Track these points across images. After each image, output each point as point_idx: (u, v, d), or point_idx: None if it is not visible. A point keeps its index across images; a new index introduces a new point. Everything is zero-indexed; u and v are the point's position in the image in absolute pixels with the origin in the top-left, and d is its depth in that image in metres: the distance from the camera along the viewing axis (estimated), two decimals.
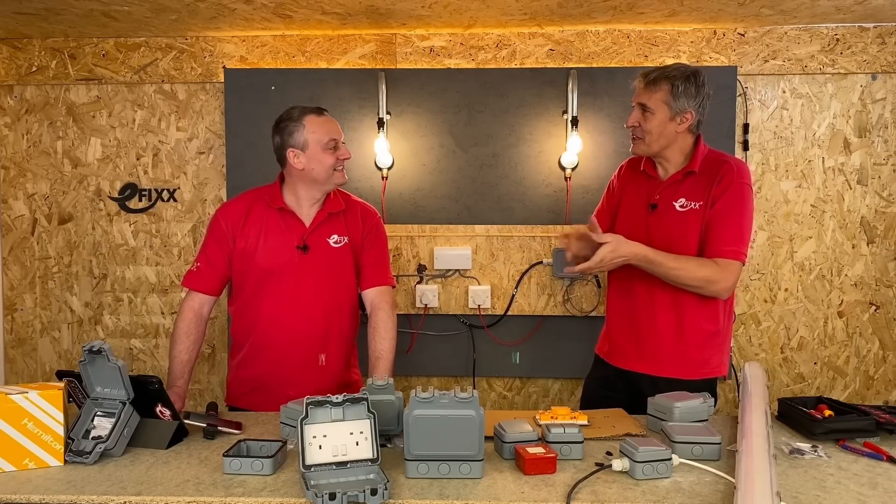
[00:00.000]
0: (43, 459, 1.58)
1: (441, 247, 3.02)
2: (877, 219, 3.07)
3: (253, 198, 2.21)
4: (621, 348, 2.21)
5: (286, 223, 2.16)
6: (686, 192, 2.10)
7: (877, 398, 3.11)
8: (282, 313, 2.14)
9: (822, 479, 1.50)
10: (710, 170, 2.09)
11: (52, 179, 3.21)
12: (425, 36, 3.07)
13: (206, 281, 2.18)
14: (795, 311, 3.11)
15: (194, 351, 2.15)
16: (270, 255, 2.14)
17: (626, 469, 1.50)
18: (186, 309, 2.17)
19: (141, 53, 3.14)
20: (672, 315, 2.10)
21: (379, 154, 2.99)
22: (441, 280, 3.03)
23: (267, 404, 2.11)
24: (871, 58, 3.00)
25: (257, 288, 2.16)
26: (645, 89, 2.08)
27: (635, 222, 2.17)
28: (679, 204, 2.10)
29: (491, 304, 3.02)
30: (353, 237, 2.21)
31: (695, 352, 2.11)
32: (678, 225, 2.09)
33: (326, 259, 2.16)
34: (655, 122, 2.07)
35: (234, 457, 1.52)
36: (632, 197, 2.22)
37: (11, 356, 3.27)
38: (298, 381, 2.12)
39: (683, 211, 2.09)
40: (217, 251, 2.18)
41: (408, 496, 1.41)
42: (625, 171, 2.31)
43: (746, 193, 2.08)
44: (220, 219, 2.19)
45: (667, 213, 2.11)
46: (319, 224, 2.17)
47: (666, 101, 2.04)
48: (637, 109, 2.10)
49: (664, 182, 2.14)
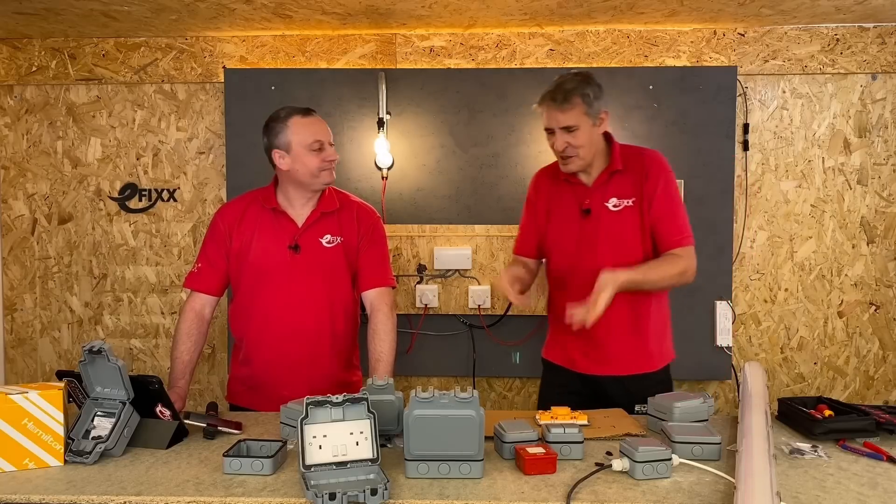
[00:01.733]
0: (43, 459, 1.58)
1: (441, 247, 3.02)
2: (877, 219, 3.07)
3: (250, 199, 2.23)
4: (579, 354, 2.19)
5: (279, 223, 2.17)
6: (615, 191, 2.13)
7: (877, 398, 3.11)
8: (275, 313, 2.15)
9: (822, 479, 1.49)
10: (633, 165, 2.13)
11: (52, 179, 3.21)
12: (425, 36, 3.07)
13: (206, 281, 2.20)
14: (795, 311, 3.11)
15: (195, 352, 2.16)
16: (263, 255, 2.15)
17: (626, 469, 1.50)
18: (188, 310, 2.18)
19: (141, 53, 3.14)
20: (625, 313, 2.11)
21: (379, 154, 2.99)
22: (441, 280, 3.03)
23: (263, 403, 2.13)
24: (871, 58, 3.00)
25: (251, 287, 2.17)
26: (561, 111, 2.05)
27: (569, 230, 2.18)
28: (612, 204, 2.13)
29: (491, 304, 3.02)
30: (348, 237, 2.20)
31: (653, 344, 2.17)
32: (616, 225, 2.12)
33: (318, 259, 2.16)
34: (583, 136, 2.06)
35: (234, 457, 1.52)
36: (559, 206, 2.21)
37: (11, 356, 3.28)
38: (293, 380, 2.12)
39: (618, 210, 2.12)
40: (216, 251, 2.19)
41: (408, 496, 1.41)
42: (542, 181, 2.29)
43: (673, 180, 2.15)
44: (218, 219, 2.22)
45: (602, 216, 2.13)
46: (312, 224, 2.17)
47: (586, 113, 2.05)
48: (559, 133, 2.07)
49: (591, 186, 2.15)
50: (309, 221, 2.17)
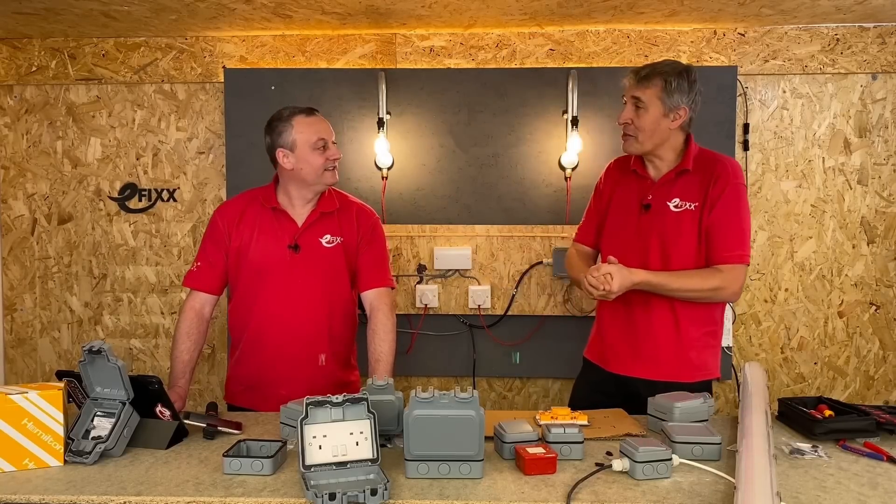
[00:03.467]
0: (43, 459, 1.58)
1: (441, 247, 3.01)
2: (877, 219, 3.07)
3: (249, 198, 2.23)
4: (617, 353, 2.15)
5: (279, 222, 2.17)
6: (680, 192, 2.06)
7: (877, 398, 3.11)
8: (273, 312, 2.15)
9: (823, 480, 1.49)
10: (704, 169, 2.06)
11: (52, 179, 3.21)
12: (425, 36, 3.06)
13: (206, 280, 2.20)
14: (796, 311, 3.11)
15: (195, 351, 2.16)
16: (262, 254, 2.15)
17: (627, 469, 1.50)
18: (188, 309, 2.18)
19: (141, 53, 3.14)
20: (669, 317, 2.06)
21: (379, 154, 2.99)
22: (441, 280, 3.03)
23: (261, 403, 2.13)
24: (871, 58, 3.00)
25: (250, 286, 2.18)
26: (637, 84, 2.03)
27: (626, 223, 2.12)
28: (673, 204, 2.06)
29: (491, 304, 3.02)
30: (348, 238, 2.20)
31: (692, 353, 2.08)
32: (673, 225, 2.05)
33: (318, 259, 2.16)
34: (649, 118, 2.02)
35: (234, 457, 1.52)
36: (622, 197, 2.17)
37: (11, 356, 3.27)
38: (291, 379, 2.13)
39: (678, 211, 2.05)
40: (215, 250, 2.20)
41: (408, 496, 1.41)
42: (612, 171, 2.26)
43: (743, 193, 2.06)
44: (217, 218, 2.22)
45: (661, 214, 2.07)
46: (312, 224, 2.17)
47: (659, 97, 2.01)
48: (629, 105, 2.05)
49: (657, 182, 2.10)
50: (309, 221, 2.17)
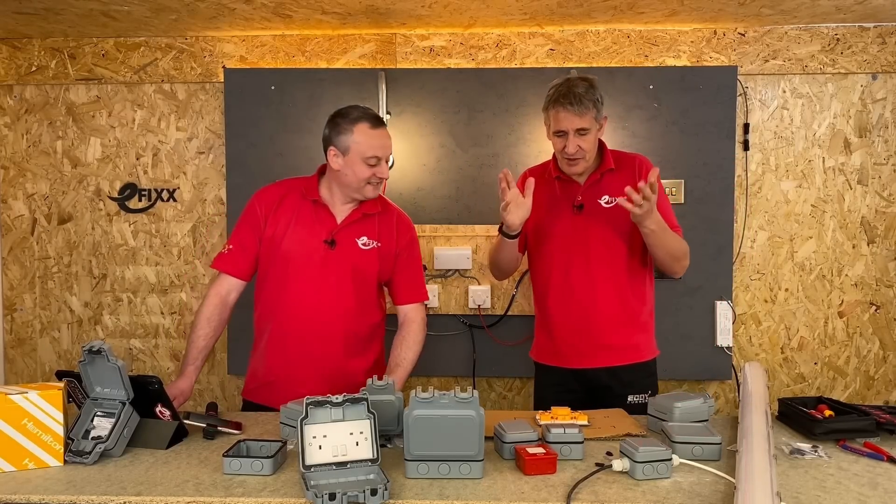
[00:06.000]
0: (43, 459, 1.58)
1: (441, 247, 3.01)
2: (877, 219, 3.07)
3: (290, 186, 2.18)
4: (573, 347, 2.25)
5: (317, 215, 2.12)
6: (607, 189, 2.22)
7: (877, 398, 3.11)
8: (302, 306, 2.10)
9: (823, 480, 1.49)
10: (624, 165, 2.24)
11: (52, 179, 3.21)
12: (425, 36, 3.06)
13: (236, 263, 2.14)
14: (796, 311, 3.11)
15: (213, 338, 2.11)
16: (297, 245, 2.10)
17: (627, 469, 1.50)
18: (212, 294, 2.13)
19: (141, 53, 3.13)
20: (615, 303, 2.21)
21: None
22: (441, 280, 3.03)
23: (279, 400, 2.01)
24: (871, 58, 3.00)
25: (280, 277, 2.12)
26: (575, 114, 2.12)
27: (560, 224, 2.25)
28: (604, 201, 2.22)
29: (491, 304, 3.02)
30: (385, 244, 2.16)
31: (640, 335, 2.25)
32: (609, 221, 2.21)
33: (352, 258, 2.12)
34: (591, 139, 2.16)
35: (234, 457, 1.52)
36: (549, 203, 2.28)
37: (11, 356, 3.27)
38: (312, 378, 2.07)
39: (610, 207, 2.21)
40: (249, 234, 2.14)
41: (408, 496, 1.41)
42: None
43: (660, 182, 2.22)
44: (255, 202, 2.17)
45: (595, 212, 2.22)
46: (351, 223, 2.13)
47: (594, 117, 2.14)
48: (573, 135, 2.14)
49: (584, 184, 2.24)
50: (349, 220, 2.13)
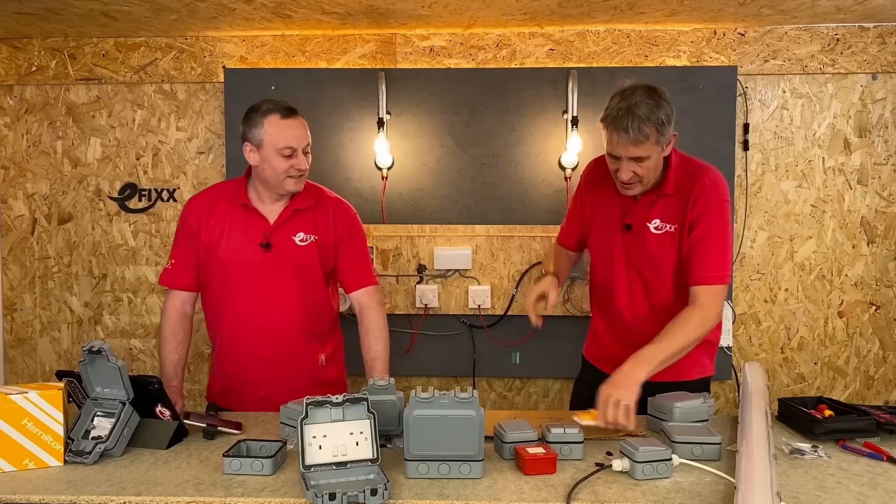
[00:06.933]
0: (43, 459, 1.58)
1: (441, 247, 3.01)
2: (877, 219, 3.07)
3: (220, 192, 2.16)
4: (615, 357, 2.07)
5: (250, 220, 2.10)
6: (660, 213, 2.01)
7: (877, 398, 3.11)
8: (247, 312, 2.10)
9: (823, 480, 1.50)
10: (684, 189, 1.98)
11: (52, 179, 3.21)
12: (425, 36, 3.06)
13: (182, 277, 2.15)
14: (796, 311, 3.11)
15: (183, 350, 2.14)
16: (233, 253, 2.09)
17: (627, 469, 1.50)
18: (169, 308, 2.15)
19: (141, 53, 3.13)
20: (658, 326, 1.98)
21: (379, 154, 2.99)
22: (441, 280, 3.03)
23: (238, 404, 2.10)
24: (871, 58, 3.00)
25: (221, 285, 2.12)
26: (630, 143, 1.85)
27: (610, 241, 2.08)
28: (654, 226, 2.01)
29: (491, 304, 3.02)
30: (323, 236, 2.13)
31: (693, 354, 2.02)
32: (654, 248, 2.02)
33: (291, 257, 2.10)
34: (652, 164, 1.92)
35: (234, 457, 1.52)
36: (604, 212, 2.12)
37: (11, 356, 3.27)
38: (269, 381, 2.10)
39: (659, 234, 2.01)
40: (187, 247, 2.14)
41: (408, 496, 1.41)
42: (592, 176, 2.18)
43: (724, 210, 1.97)
44: (187, 213, 2.15)
45: (642, 236, 2.03)
46: (284, 221, 2.10)
47: (657, 142, 1.87)
48: (626, 163, 1.89)
49: (639, 201, 2.03)
50: (281, 219, 2.10)
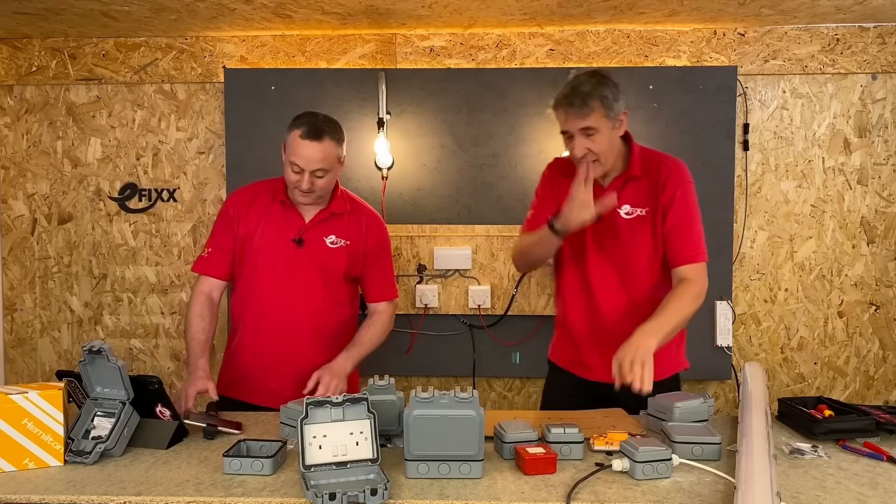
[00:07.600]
0: (43, 459, 1.58)
1: (441, 247, 3.01)
2: (877, 219, 3.07)
3: (261, 188, 2.25)
4: (590, 359, 2.11)
5: (286, 216, 2.19)
6: (629, 198, 2.03)
7: (877, 398, 3.11)
8: (271, 304, 2.17)
9: (823, 480, 1.50)
10: (651, 173, 2.03)
11: (52, 179, 3.21)
12: (425, 36, 3.06)
13: (215, 265, 2.22)
14: (795, 311, 3.11)
15: (210, 331, 2.18)
16: (266, 244, 2.17)
17: (627, 469, 1.50)
18: (198, 293, 2.20)
19: (141, 53, 3.13)
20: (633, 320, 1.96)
21: (379, 154, 2.99)
22: (441, 280, 3.03)
23: (250, 395, 2.15)
24: (871, 58, 3.00)
25: (251, 276, 2.20)
26: (577, 115, 1.91)
27: (579, 235, 2.05)
28: (624, 211, 2.04)
29: (491, 304, 3.02)
30: (354, 243, 2.22)
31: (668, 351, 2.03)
32: (626, 233, 2.04)
33: (320, 257, 2.18)
34: (603, 139, 1.94)
35: (234, 457, 1.52)
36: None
37: (11, 356, 3.27)
38: (282, 374, 2.14)
39: (630, 218, 2.04)
40: (225, 235, 2.22)
41: (408, 496, 1.41)
42: (554, 177, 2.16)
43: (691, 192, 2.04)
44: (229, 204, 2.26)
45: (613, 222, 2.03)
46: (319, 222, 2.19)
47: (604, 115, 1.92)
48: (579, 136, 1.93)
49: (606, 189, 2.03)
50: (317, 219, 2.19)
